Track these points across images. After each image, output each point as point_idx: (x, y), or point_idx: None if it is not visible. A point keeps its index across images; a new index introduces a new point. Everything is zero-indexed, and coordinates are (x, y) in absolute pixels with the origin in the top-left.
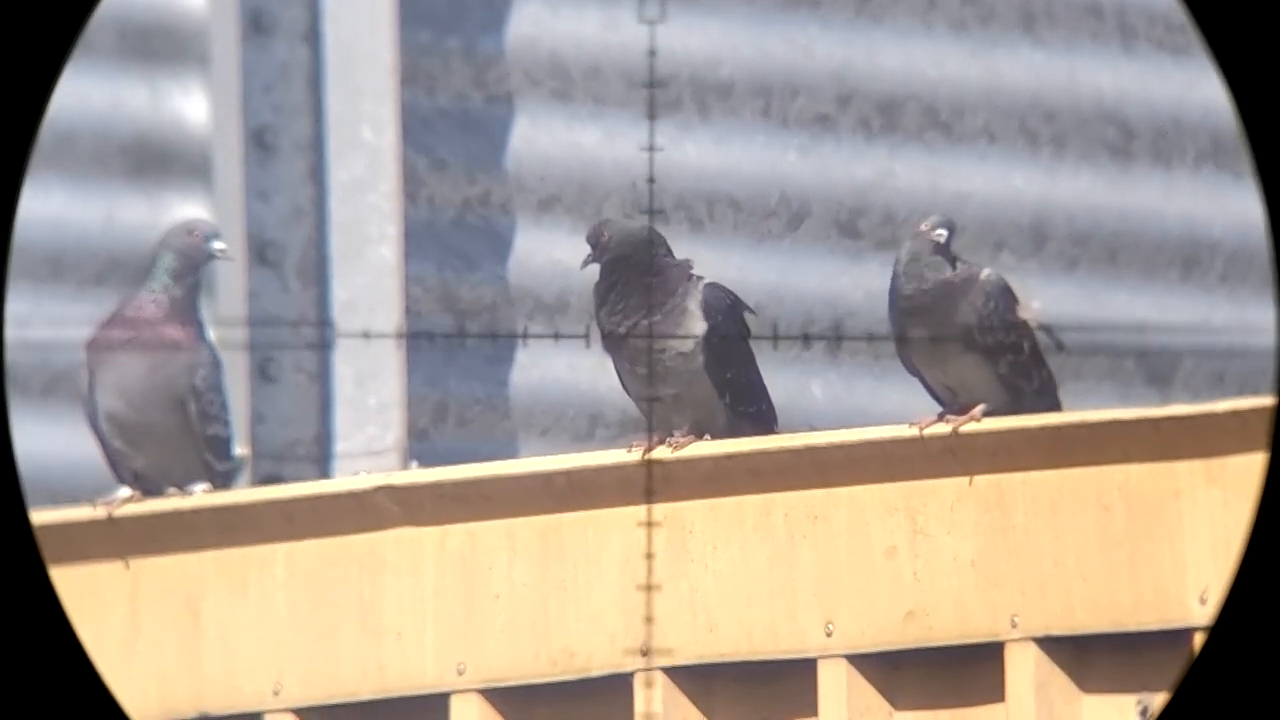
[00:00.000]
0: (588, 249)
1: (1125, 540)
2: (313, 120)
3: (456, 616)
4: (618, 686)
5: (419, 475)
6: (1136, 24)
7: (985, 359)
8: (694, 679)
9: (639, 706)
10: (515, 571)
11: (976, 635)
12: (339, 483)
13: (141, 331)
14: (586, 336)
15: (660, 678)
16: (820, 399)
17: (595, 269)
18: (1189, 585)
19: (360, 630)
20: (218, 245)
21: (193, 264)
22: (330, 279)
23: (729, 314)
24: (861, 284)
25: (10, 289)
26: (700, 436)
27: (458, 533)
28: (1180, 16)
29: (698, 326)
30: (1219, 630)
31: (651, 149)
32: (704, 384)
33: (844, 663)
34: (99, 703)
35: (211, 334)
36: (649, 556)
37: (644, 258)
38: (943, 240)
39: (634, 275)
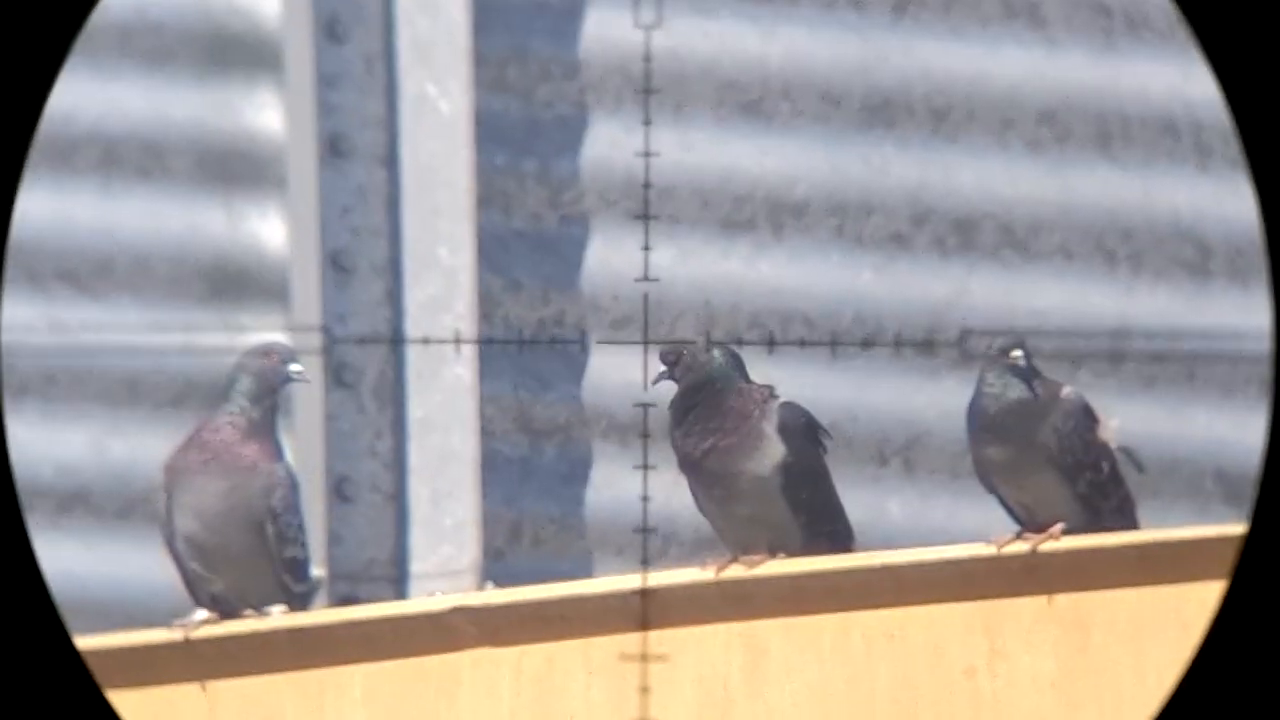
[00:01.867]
0: (662, 368)
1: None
2: (390, 242)
3: None
4: None
5: (495, 595)
6: (1212, 142)
7: (1064, 478)
8: None
9: None
10: (592, 692)
11: None
12: (415, 603)
13: (219, 454)
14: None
15: None
16: (898, 517)
17: (669, 387)
18: None
19: None
20: (294, 368)
21: (269, 386)
22: (406, 400)
23: (805, 434)
24: (936, 402)
25: (88, 412)
26: (774, 555)
27: (534, 653)
28: None
29: (774, 449)
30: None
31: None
32: (780, 504)
33: None
34: None
35: (289, 456)
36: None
37: (723, 380)
38: (1021, 363)
39: (712, 397)
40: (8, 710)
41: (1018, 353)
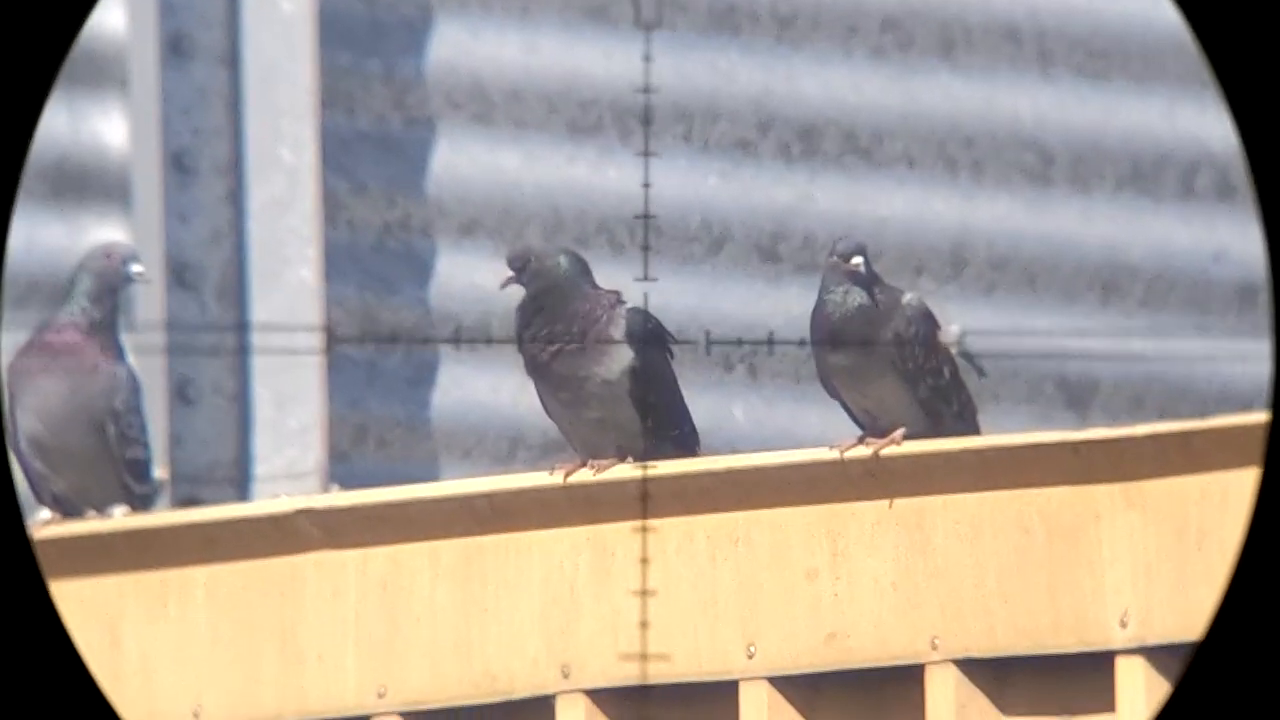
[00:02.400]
0: (509, 272)
1: (1045, 563)
2: (232, 142)
3: (378, 639)
4: (539, 709)
5: (339, 498)
6: (1055, 49)
7: (905, 383)
8: (617, 702)
9: None
10: (437, 594)
11: (897, 657)
12: (259, 505)
13: (60, 354)
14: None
15: (583, 700)
16: (742, 422)
17: (515, 291)
18: (1108, 608)
19: (281, 653)
20: (135, 268)
21: (110, 287)
22: (249, 301)
23: (652, 339)
24: (781, 308)
25: None
26: (623, 459)
27: (379, 555)
28: (1099, 43)
29: (622, 353)
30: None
31: (647, 153)
32: (627, 408)
33: (765, 684)
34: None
35: (130, 356)
36: (644, 561)
37: (570, 285)
38: (861, 270)
39: (559, 302)
40: None
41: (858, 259)
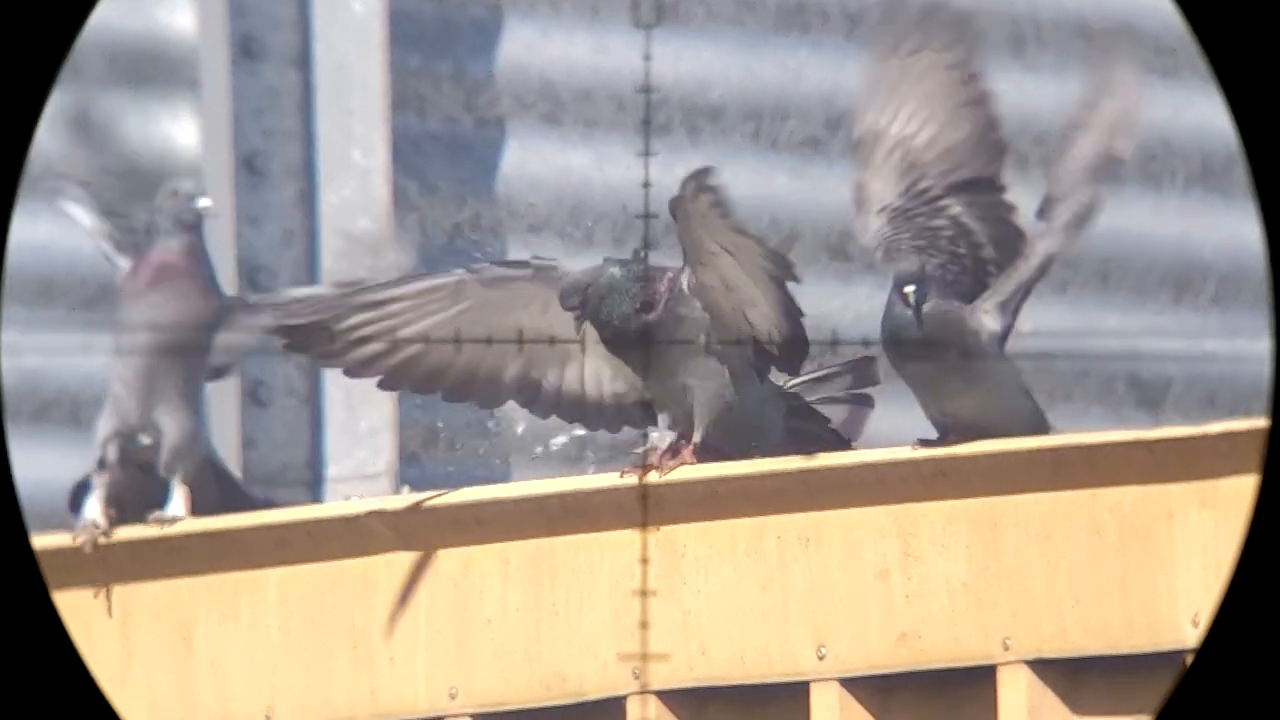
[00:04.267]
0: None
1: (1117, 562)
2: (303, 145)
3: (449, 641)
4: (611, 711)
5: (411, 499)
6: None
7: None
8: (687, 702)
9: None
10: (508, 595)
11: (969, 658)
12: (330, 507)
13: (167, 273)
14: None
15: (654, 701)
16: None
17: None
18: (1181, 607)
19: (353, 655)
20: (203, 202)
21: (184, 225)
22: None
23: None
24: (852, 306)
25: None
26: (694, 453)
27: (450, 557)
28: (1169, 40)
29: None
30: (1206, 652)
31: (647, 154)
32: (711, 363)
33: (836, 685)
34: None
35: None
36: (644, 561)
37: (631, 283)
38: (911, 300)
39: (623, 302)
40: None
41: (909, 288)
